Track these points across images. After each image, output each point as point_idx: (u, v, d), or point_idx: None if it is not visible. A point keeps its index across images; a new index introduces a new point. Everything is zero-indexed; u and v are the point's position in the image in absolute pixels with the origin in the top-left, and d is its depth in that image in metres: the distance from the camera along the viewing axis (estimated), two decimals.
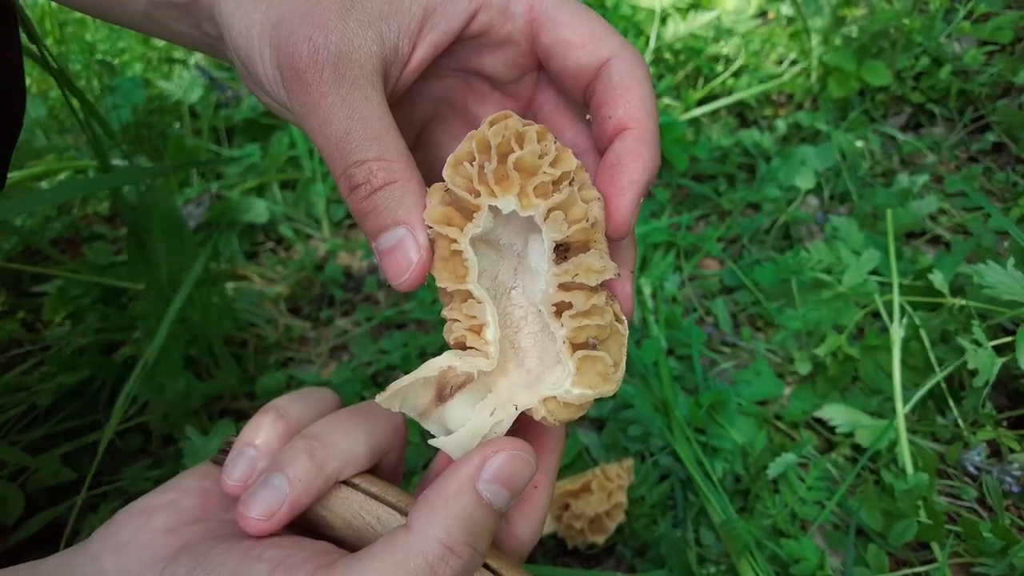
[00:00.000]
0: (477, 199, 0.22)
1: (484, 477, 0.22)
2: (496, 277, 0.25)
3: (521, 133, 0.22)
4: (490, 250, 0.25)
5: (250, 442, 0.25)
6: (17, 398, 0.63)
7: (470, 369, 0.23)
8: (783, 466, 0.55)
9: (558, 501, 0.51)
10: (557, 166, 0.22)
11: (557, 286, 0.23)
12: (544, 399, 0.23)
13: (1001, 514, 0.53)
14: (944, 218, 0.80)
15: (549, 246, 0.22)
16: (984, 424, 0.58)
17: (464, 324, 0.24)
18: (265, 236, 0.91)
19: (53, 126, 1.09)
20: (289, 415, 0.26)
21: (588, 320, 0.22)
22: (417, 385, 0.23)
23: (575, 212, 0.22)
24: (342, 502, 0.24)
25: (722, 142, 0.93)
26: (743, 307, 0.74)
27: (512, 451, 0.22)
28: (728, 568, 0.51)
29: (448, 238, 0.22)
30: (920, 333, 0.59)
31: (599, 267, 0.22)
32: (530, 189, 0.22)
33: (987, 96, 0.92)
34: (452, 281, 0.23)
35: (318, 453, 0.24)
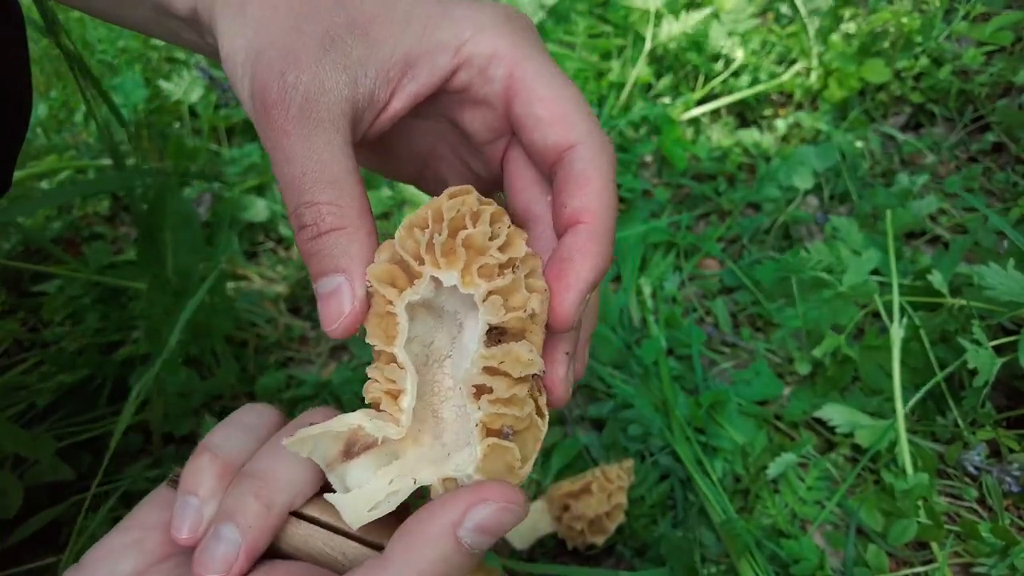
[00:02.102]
0: (421, 267, 0.22)
1: (467, 525, 0.21)
2: (432, 344, 0.24)
3: (477, 212, 0.22)
4: (431, 316, 0.24)
5: (192, 490, 0.24)
6: (17, 397, 0.63)
7: (378, 434, 0.23)
8: (783, 466, 0.55)
9: (558, 502, 0.51)
10: (506, 251, 0.22)
11: (482, 368, 0.22)
12: (444, 479, 0.23)
13: (1001, 514, 0.53)
14: (944, 218, 0.80)
15: (482, 327, 0.22)
16: (984, 424, 0.58)
17: (382, 386, 0.23)
18: (265, 236, 0.91)
19: (53, 126, 1.09)
20: (225, 451, 0.25)
21: (506, 409, 0.22)
22: (327, 437, 0.23)
23: (515, 299, 0.22)
24: (305, 540, 0.24)
25: (722, 142, 0.93)
26: (743, 307, 0.74)
27: (501, 504, 0.21)
28: (728, 568, 0.51)
29: (385, 298, 0.22)
30: (920, 333, 0.59)
31: (526, 359, 0.22)
32: (474, 268, 0.22)
33: (987, 96, 0.92)
34: (381, 341, 0.23)
35: (263, 492, 0.23)
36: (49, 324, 0.75)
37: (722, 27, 0.96)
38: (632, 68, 0.95)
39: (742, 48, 0.96)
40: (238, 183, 0.92)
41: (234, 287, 0.81)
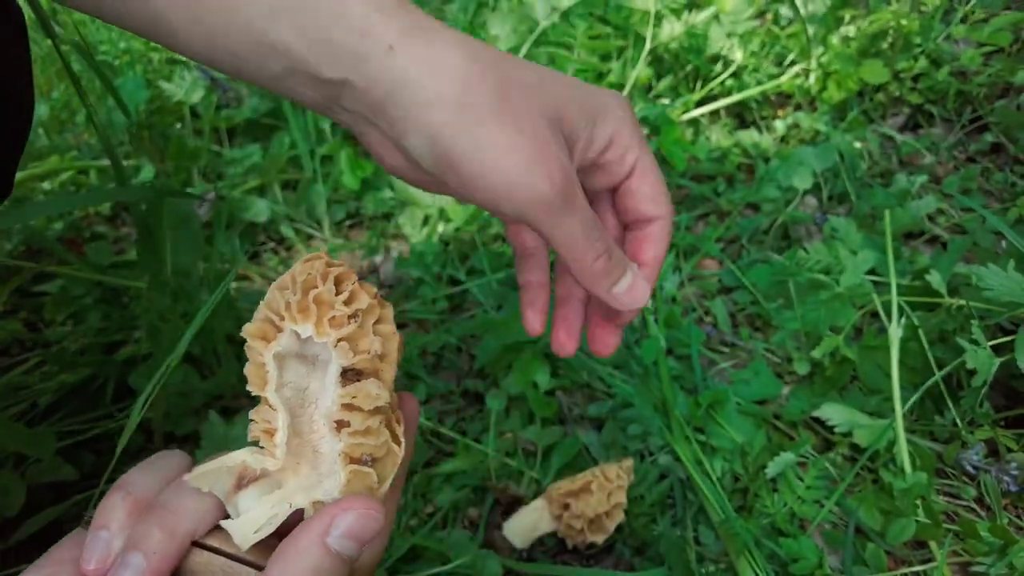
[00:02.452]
0: (282, 323, 0.27)
1: (334, 533, 0.24)
2: (307, 388, 0.28)
3: (325, 274, 0.26)
4: (303, 364, 0.28)
5: (103, 525, 0.26)
6: (18, 397, 0.64)
7: (258, 467, 0.27)
8: (782, 465, 0.55)
9: (558, 501, 0.51)
10: (351, 303, 0.26)
11: (340, 405, 0.26)
12: (314, 502, 0.26)
13: (999, 513, 0.54)
14: (942, 218, 0.80)
15: (336, 369, 0.26)
16: (982, 424, 0.58)
17: (260, 426, 0.28)
18: (266, 236, 0.91)
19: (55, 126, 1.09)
20: (136, 489, 0.27)
21: (363, 439, 0.26)
22: (221, 471, 0.26)
23: (363, 344, 0.26)
24: (204, 567, 0.26)
25: (721, 142, 0.94)
26: (742, 307, 0.74)
27: (361, 511, 0.25)
28: (727, 567, 0.51)
29: (257, 351, 0.27)
30: (918, 333, 0.60)
31: (374, 394, 0.26)
32: (325, 320, 0.26)
33: (985, 97, 0.92)
34: (256, 387, 0.27)
35: (169, 521, 0.25)
36: (51, 324, 0.75)
37: (721, 28, 0.96)
38: (632, 69, 0.95)
39: (741, 49, 0.97)
40: (239, 184, 0.92)
41: (235, 287, 0.81)
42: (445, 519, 0.56)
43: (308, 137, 0.92)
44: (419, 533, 0.53)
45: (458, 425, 0.65)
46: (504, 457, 0.59)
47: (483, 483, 0.58)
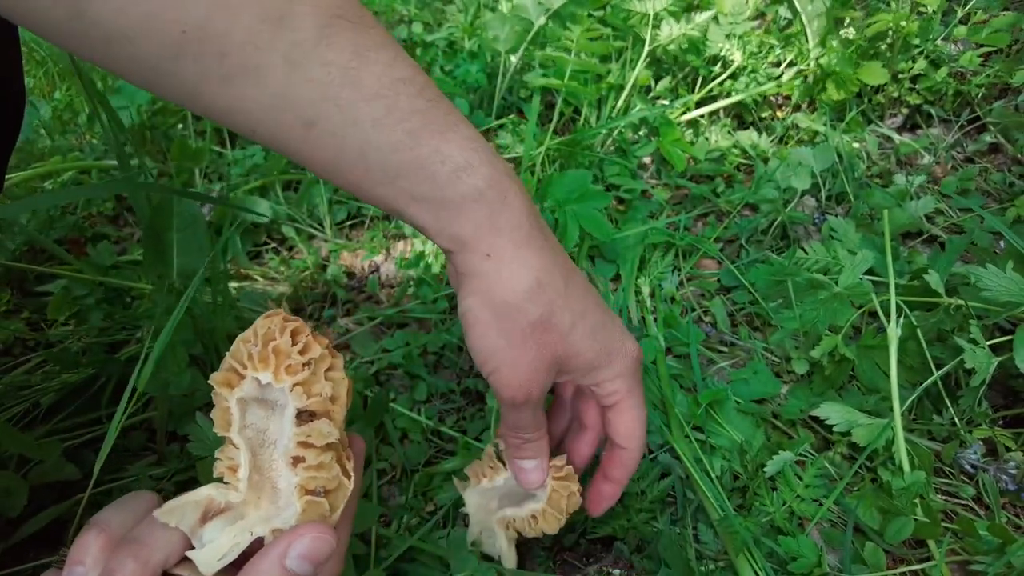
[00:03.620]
0: (244, 371, 0.30)
1: (291, 555, 0.27)
2: (267, 430, 0.32)
3: (283, 327, 0.30)
4: (263, 408, 0.31)
5: (79, 560, 0.28)
6: (20, 396, 0.64)
7: (223, 499, 0.30)
8: (780, 464, 0.55)
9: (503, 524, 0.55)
10: (305, 353, 0.30)
11: (296, 443, 0.30)
12: (273, 530, 0.30)
13: (998, 512, 0.54)
14: (941, 218, 0.81)
15: (291, 412, 0.30)
16: (980, 423, 0.58)
17: (224, 463, 0.31)
18: (268, 236, 0.91)
19: (57, 127, 1.10)
20: (110, 526, 0.29)
21: (317, 473, 0.30)
22: (188, 506, 0.29)
23: (316, 387, 0.30)
24: None
25: (720, 143, 0.94)
26: (741, 307, 0.74)
27: (314, 535, 0.28)
28: (726, 565, 0.51)
29: (223, 396, 0.30)
30: (917, 333, 0.60)
31: (326, 432, 0.30)
32: (282, 368, 0.29)
33: (984, 97, 0.92)
34: (221, 428, 0.31)
35: (142, 552, 0.28)
36: (53, 323, 0.75)
37: (720, 29, 0.97)
38: (631, 71, 0.95)
39: (740, 50, 0.97)
40: (241, 184, 0.93)
41: (237, 287, 0.81)
42: (445, 518, 0.56)
43: None
44: (419, 532, 0.54)
45: (459, 424, 0.66)
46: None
47: None
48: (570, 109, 0.96)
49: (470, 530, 0.47)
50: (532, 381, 0.34)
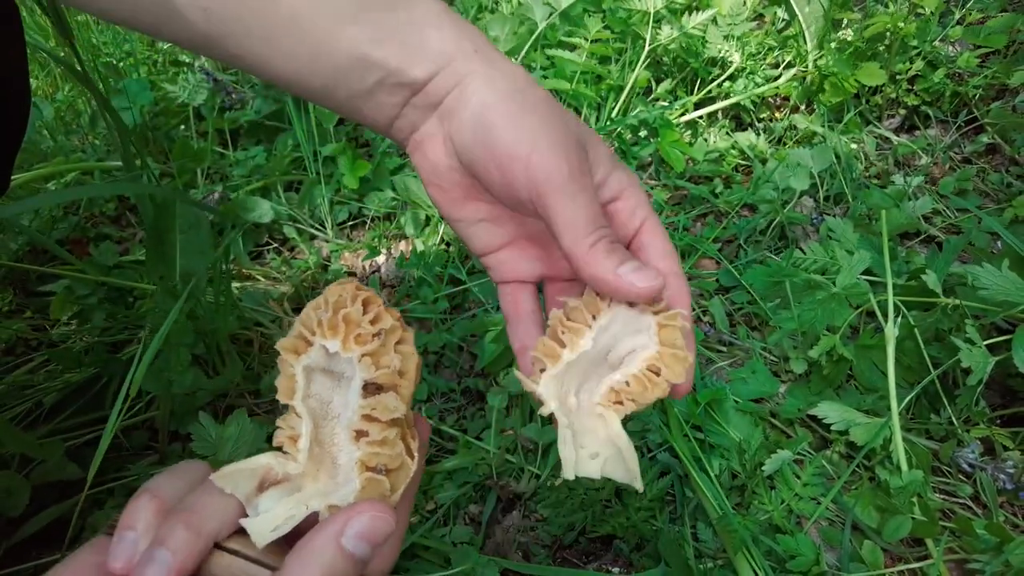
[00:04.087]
0: (313, 338, 0.29)
1: (348, 533, 0.26)
2: (330, 402, 0.31)
3: (355, 296, 0.29)
4: (329, 379, 0.30)
5: (130, 526, 0.28)
6: (23, 396, 0.64)
7: (281, 470, 0.29)
8: (779, 463, 0.56)
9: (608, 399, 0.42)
10: (376, 323, 0.29)
11: (360, 416, 0.29)
12: (329, 506, 0.28)
13: (995, 511, 0.54)
14: (938, 219, 0.81)
15: (359, 383, 0.29)
16: (978, 422, 0.58)
17: (285, 432, 0.30)
18: (269, 237, 0.92)
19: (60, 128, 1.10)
20: (162, 493, 0.29)
21: (379, 449, 0.28)
22: (245, 473, 0.28)
23: (384, 360, 0.29)
24: (225, 568, 0.28)
25: (719, 144, 0.94)
26: (739, 307, 0.74)
27: (373, 514, 0.27)
28: (725, 563, 0.51)
29: (288, 363, 0.29)
30: (914, 332, 0.60)
31: (392, 406, 0.28)
32: (351, 337, 0.28)
33: (981, 98, 0.93)
34: (284, 396, 0.29)
35: (194, 521, 0.27)
36: (56, 323, 0.76)
37: (719, 31, 0.97)
38: (631, 72, 0.96)
39: (739, 52, 0.97)
40: (243, 184, 0.93)
41: (239, 287, 0.82)
42: (447, 516, 0.57)
43: (311, 138, 0.93)
44: (420, 530, 0.54)
45: (459, 423, 0.66)
46: (505, 454, 0.60)
47: (484, 480, 0.59)
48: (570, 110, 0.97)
49: (564, 447, 0.31)
50: (574, 154, 0.30)
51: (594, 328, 0.31)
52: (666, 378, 0.31)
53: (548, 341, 0.31)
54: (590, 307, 0.32)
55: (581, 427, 0.32)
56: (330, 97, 0.33)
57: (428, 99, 0.32)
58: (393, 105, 0.33)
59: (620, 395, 0.31)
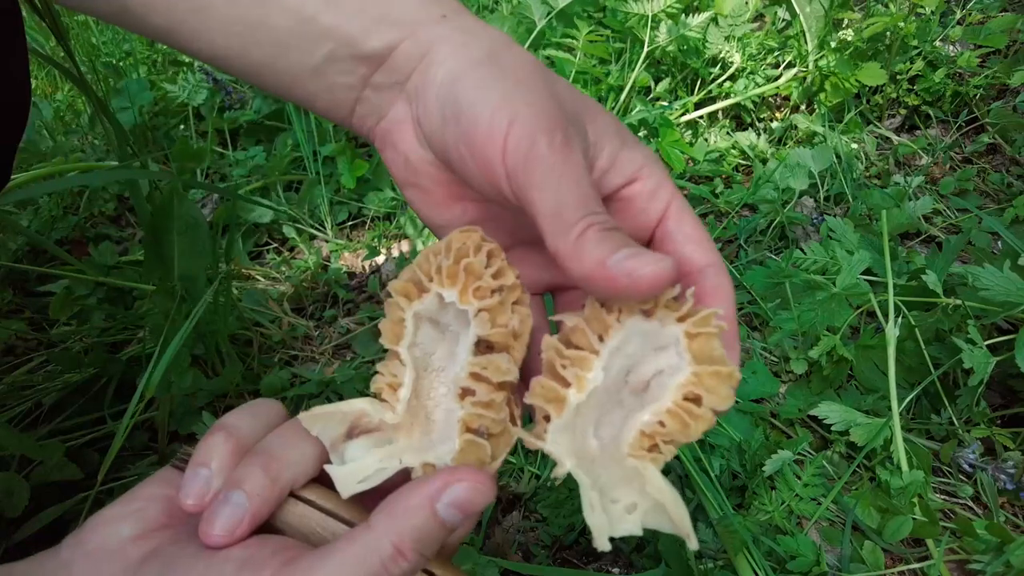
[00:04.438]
0: (429, 284, 0.27)
1: (444, 500, 0.24)
2: (433, 355, 0.28)
3: (479, 246, 0.27)
4: (435, 330, 0.28)
5: (204, 463, 0.26)
6: (23, 396, 0.64)
7: (377, 417, 0.27)
8: (779, 463, 0.55)
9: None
10: (498, 278, 0.26)
11: (469, 373, 0.26)
12: (424, 464, 0.26)
13: (996, 511, 0.54)
14: (939, 219, 0.81)
15: (472, 339, 0.26)
16: (978, 422, 0.58)
17: (386, 379, 0.27)
18: (269, 237, 0.92)
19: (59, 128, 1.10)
20: (238, 432, 0.27)
21: (484, 411, 0.26)
22: (336, 416, 0.26)
23: (501, 318, 0.26)
24: (300, 519, 0.26)
25: (719, 144, 0.94)
26: (740, 307, 0.74)
27: (473, 484, 0.24)
28: (725, 564, 0.51)
29: (399, 306, 0.27)
30: (915, 332, 0.60)
31: (504, 368, 0.26)
32: (470, 289, 0.26)
33: (981, 98, 0.93)
34: (390, 341, 0.27)
35: (272, 467, 0.26)
36: (55, 324, 0.76)
37: (719, 31, 0.97)
38: (630, 72, 0.96)
39: (739, 52, 0.97)
40: (243, 185, 0.93)
41: (239, 287, 0.81)
42: None
43: (311, 138, 0.93)
44: None
45: None
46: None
47: None
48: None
49: (592, 515, 0.24)
50: (558, 124, 0.24)
51: (603, 353, 0.25)
52: (710, 406, 0.24)
53: (547, 381, 0.25)
54: (595, 325, 0.25)
55: (609, 478, 0.25)
56: (273, 75, 0.28)
57: (392, 76, 0.28)
58: (349, 87, 0.28)
59: (655, 439, 0.24)
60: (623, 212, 0.28)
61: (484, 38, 0.27)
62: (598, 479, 0.25)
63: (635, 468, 0.24)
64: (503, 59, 0.26)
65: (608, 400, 0.26)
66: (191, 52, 0.29)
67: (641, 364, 0.26)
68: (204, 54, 0.29)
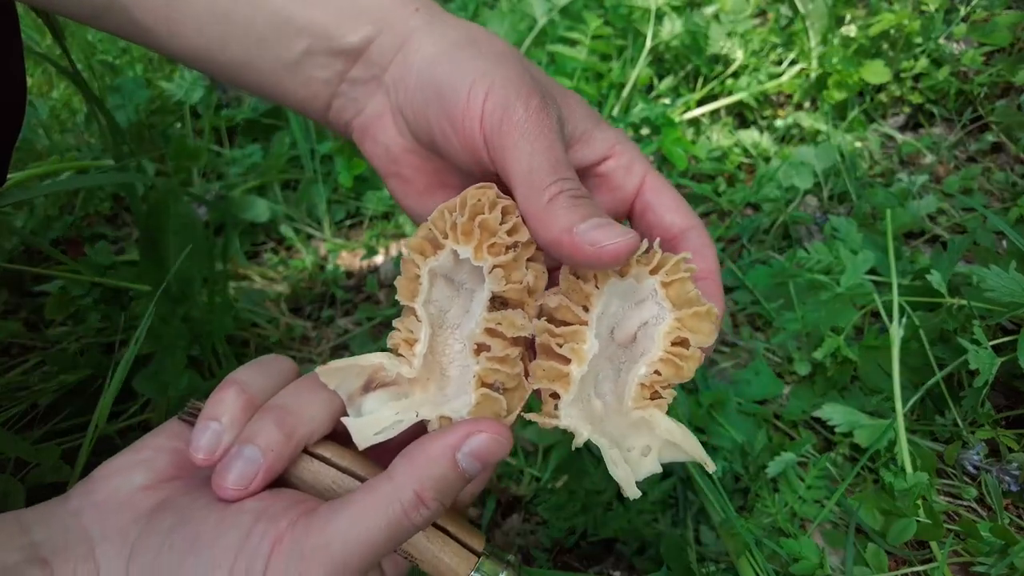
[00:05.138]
0: (444, 241, 0.27)
1: (464, 450, 0.24)
2: (448, 312, 0.29)
3: (494, 202, 0.27)
4: (450, 288, 0.29)
5: (215, 416, 0.26)
6: (18, 397, 0.64)
7: (394, 371, 0.27)
8: (782, 465, 0.55)
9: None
10: (513, 235, 0.27)
11: (483, 328, 0.27)
12: (441, 417, 0.27)
13: (1000, 513, 0.53)
14: (943, 218, 0.80)
15: (487, 295, 0.27)
16: (983, 424, 0.58)
17: (402, 334, 0.28)
18: (266, 236, 0.91)
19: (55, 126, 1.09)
20: (251, 387, 0.27)
21: (499, 366, 0.26)
22: (353, 371, 0.27)
23: (516, 274, 0.27)
24: (314, 475, 0.26)
25: (722, 142, 0.94)
26: (743, 307, 0.74)
27: (493, 435, 0.25)
28: (728, 567, 0.51)
29: (414, 263, 0.27)
30: (919, 333, 0.60)
31: (519, 324, 0.26)
32: (485, 245, 0.26)
33: (986, 96, 0.92)
34: (406, 298, 0.28)
35: (287, 422, 0.25)
36: (51, 324, 0.75)
37: (722, 27, 0.96)
38: (632, 69, 0.95)
39: (742, 49, 0.96)
40: (240, 183, 0.92)
41: (236, 287, 0.81)
42: None
43: (309, 136, 0.92)
44: None
45: None
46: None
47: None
48: None
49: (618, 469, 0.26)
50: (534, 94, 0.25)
51: (592, 322, 0.27)
52: (697, 345, 0.27)
53: (547, 363, 0.27)
54: (576, 297, 0.27)
55: (620, 431, 0.27)
56: (251, 72, 0.28)
57: (370, 70, 0.28)
58: (326, 81, 0.29)
59: (654, 387, 0.27)
60: (601, 188, 0.30)
61: (460, 26, 0.28)
62: (610, 434, 0.27)
63: (642, 418, 0.27)
64: (480, 42, 0.27)
65: (601, 359, 0.28)
66: (168, 51, 0.29)
67: (624, 320, 0.28)
68: (181, 52, 0.29)
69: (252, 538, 0.23)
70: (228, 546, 0.22)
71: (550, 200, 0.24)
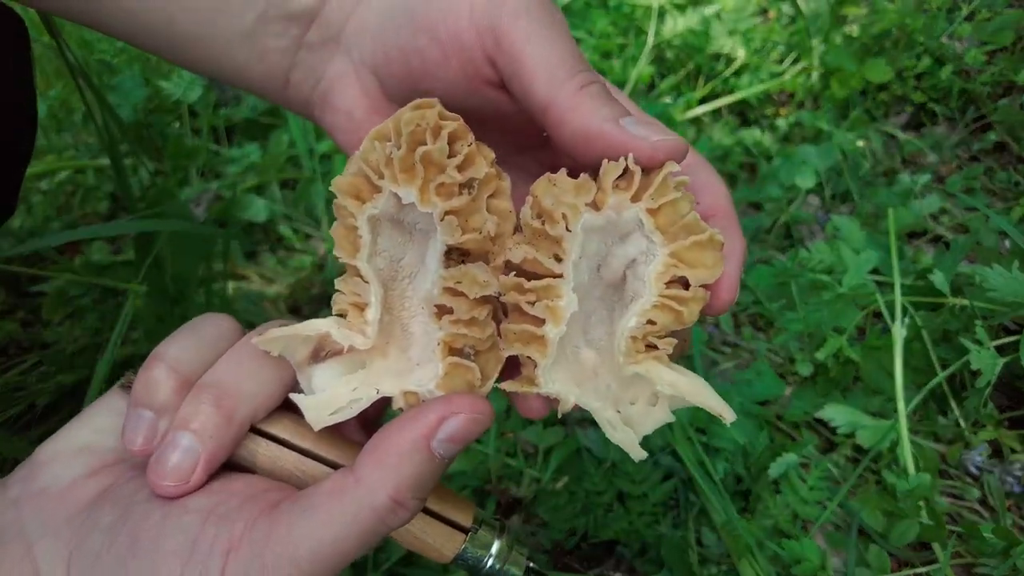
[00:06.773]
0: (381, 181, 0.21)
1: (440, 436, 0.21)
2: (401, 260, 0.24)
3: (437, 126, 0.21)
4: (399, 232, 0.23)
5: (145, 404, 0.22)
6: (16, 397, 0.63)
7: (345, 343, 0.22)
8: (784, 466, 0.55)
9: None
10: (465, 170, 0.21)
11: (442, 288, 0.22)
12: (405, 392, 0.22)
13: (1003, 514, 0.53)
14: (946, 218, 0.80)
15: (441, 247, 0.22)
16: (985, 424, 0.57)
17: (348, 298, 0.23)
18: (264, 236, 0.91)
19: (53, 125, 1.08)
20: (182, 364, 0.23)
21: (466, 330, 0.22)
22: (296, 339, 0.22)
23: (474, 220, 0.21)
24: (272, 461, 0.23)
25: (723, 141, 0.93)
26: (744, 307, 0.73)
27: (471, 415, 0.21)
28: (729, 569, 0.50)
29: (348, 211, 0.22)
30: (922, 333, 0.59)
31: (482, 281, 0.21)
32: (432, 186, 0.21)
33: (989, 95, 0.92)
34: (346, 253, 0.22)
35: (225, 403, 0.22)
36: (48, 324, 0.75)
37: (723, 26, 0.96)
38: (634, 67, 0.94)
39: (743, 47, 0.96)
40: (238, 183, 0.92)
41: (234, 287, 0.80)
42: None
43: (307, 136, 0.92)
44: None
45: None
46: (505, 457, 0.59)
47: (484, 485, 0.58)
48: None
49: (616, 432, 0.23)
50: None
51: (567, 273, 0.22)
52: (699, 282, 0.21)
53: (518, 325, 0.22)
54: (545, 245, 0.21)
55: (618, 384, 0.23)
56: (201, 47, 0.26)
57: (327, 31, 0.26)
58: (282, 51, 0.26)
59: (648, 339, 0.22)
60: None
61: None
62: (608, 390, 0.23)
63: (636, 375, 0.22)
64: None
65: (588, 302, 0.23)
66: (113, 31, 0.27)
67: (609, 257, 0.23)
68: (125, 31, 0.27)
69: (201, 544, 0.20)
70: (173, 551, 0.20)
71: (581, 87, 0.20)
